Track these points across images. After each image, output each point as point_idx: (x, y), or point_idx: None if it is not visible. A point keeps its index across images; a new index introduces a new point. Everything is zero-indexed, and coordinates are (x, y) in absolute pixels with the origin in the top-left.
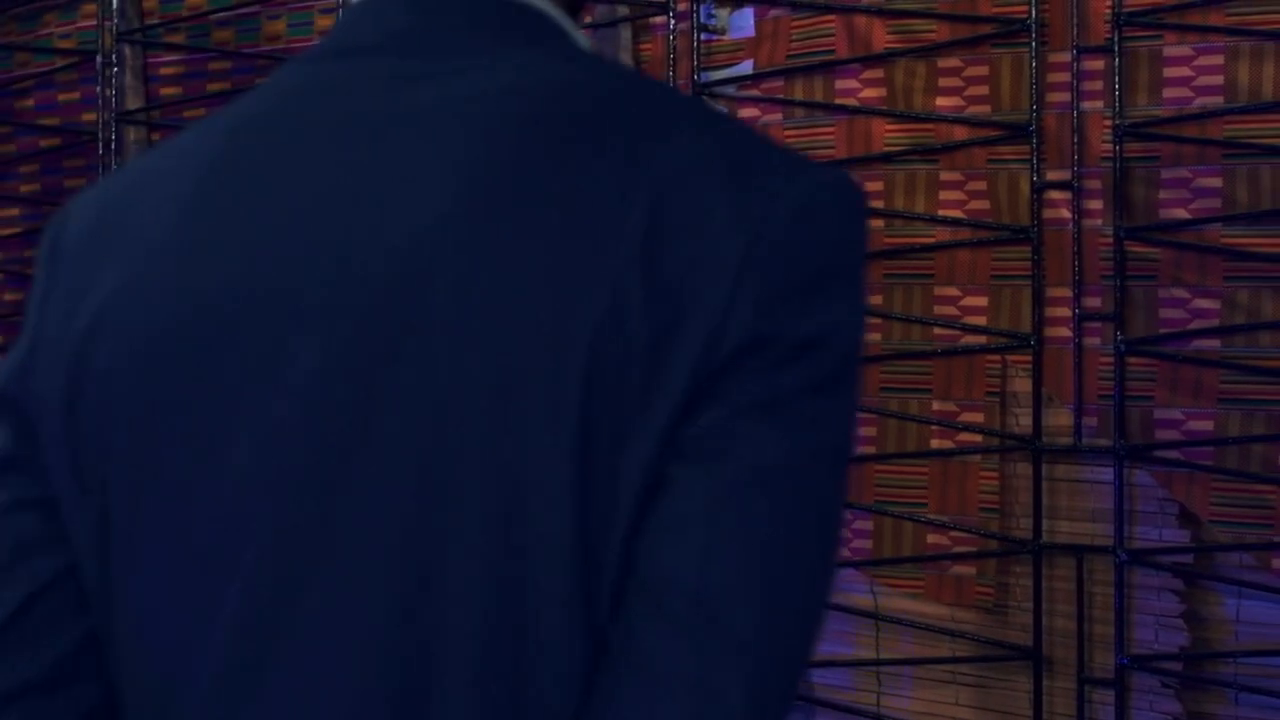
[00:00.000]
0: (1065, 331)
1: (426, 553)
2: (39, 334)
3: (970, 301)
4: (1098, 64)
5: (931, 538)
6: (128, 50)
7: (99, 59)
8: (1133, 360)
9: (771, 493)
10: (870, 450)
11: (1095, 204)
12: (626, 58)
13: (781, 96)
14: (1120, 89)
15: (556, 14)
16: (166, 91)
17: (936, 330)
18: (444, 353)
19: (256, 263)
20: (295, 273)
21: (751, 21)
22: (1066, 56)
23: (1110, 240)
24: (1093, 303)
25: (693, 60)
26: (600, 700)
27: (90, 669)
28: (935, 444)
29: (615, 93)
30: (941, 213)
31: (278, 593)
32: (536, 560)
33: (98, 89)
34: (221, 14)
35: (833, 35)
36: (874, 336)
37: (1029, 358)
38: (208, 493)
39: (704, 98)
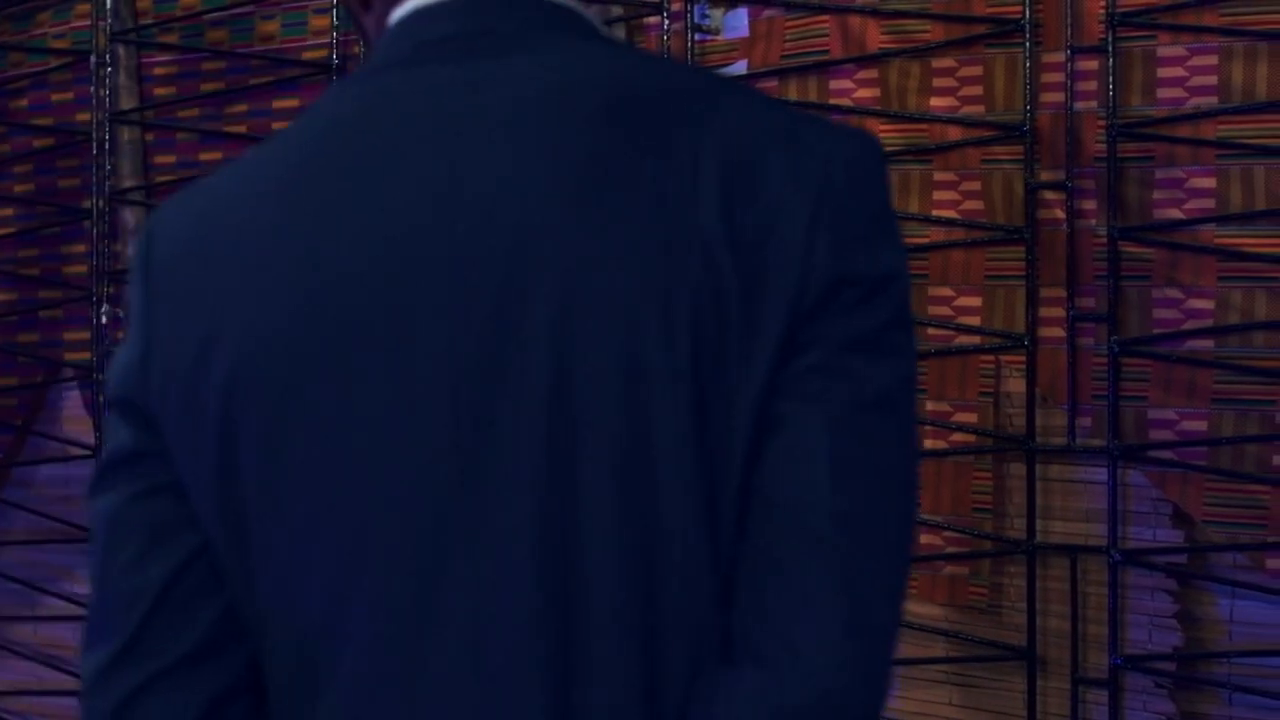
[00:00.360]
0: (1059, 332)
1: (565, 504)
2: (151, 341)
3: (964, 302)
4: (1092, 64)
5: (925, 538)
6: (121, 50)
7: (93, 59)
8: (1126, 360)
9: (880, 416)
10: None
11: (1089, 204)
12: None
13: (775, 97)
14: (1114, 89)
15: (585, 11)
16: (160, 91)
17: (930, 330)
18: (563, 321)
19: (374, 254)
20: (414, 259)
21: (746, 22)
22: (1060, 57)
23: (1104, 240)
24: (1086, 303)
25: (687, 60)
26: (752, 617)
27: (232, 640)
28: (929, 444)
29: (665, 76)
30: (935, 213)
31: (429, 552)
32: (666, 500)
33: (91, 89)
34: (215, 14)
35: (827, 35)
36: None
37: (1023, 358)
38: (349, 465)
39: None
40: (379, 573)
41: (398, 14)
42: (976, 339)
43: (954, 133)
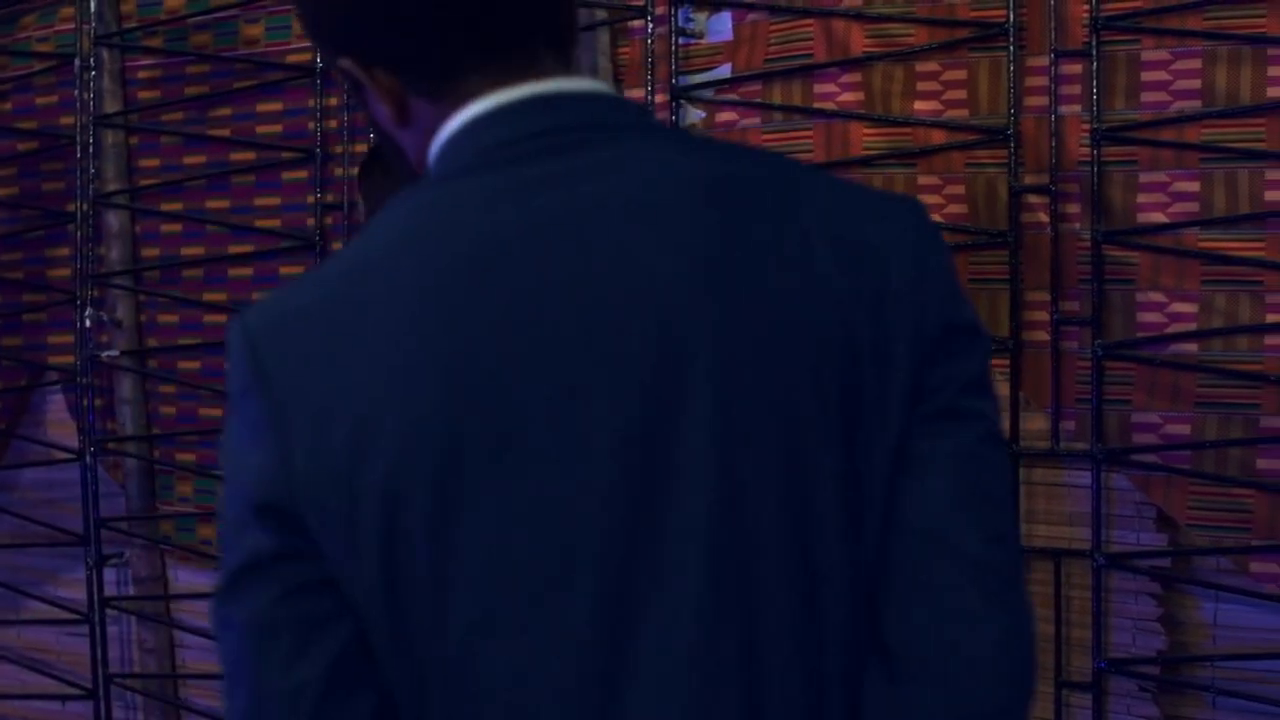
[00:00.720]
0: (1043, 335)
1: (741, 536)
2: (288, 445)
3: None
4: (1075, 68)
5: None
6: (105, 54)
7: (77, 62)
8: (1110, 364)
9: (995, 447)
10: None
11: (1073, 208)
12: (604, 62)
13: (759, 100)
14: (1098, 93)
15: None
16: (144, 95)
17: None
18: (723, 388)
19: (524, 342)
20: (564, 342)
21: (730, 25)
22: (1044, 60)
23: (1088, 244)
24: (1070, 306)
25: (671, 64)
26: (918, 636)
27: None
28: None
29: (749, 163)
30: None
31: (611, 619)
32: (822, 527)
33: (75, 92)
34: (199, 18)
35: (811, 39)
36: None
37: (1007, 361)
38: (523, 543)
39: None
40: (563, 642)
41: (459, 121)
42: None
43: (938, 136)
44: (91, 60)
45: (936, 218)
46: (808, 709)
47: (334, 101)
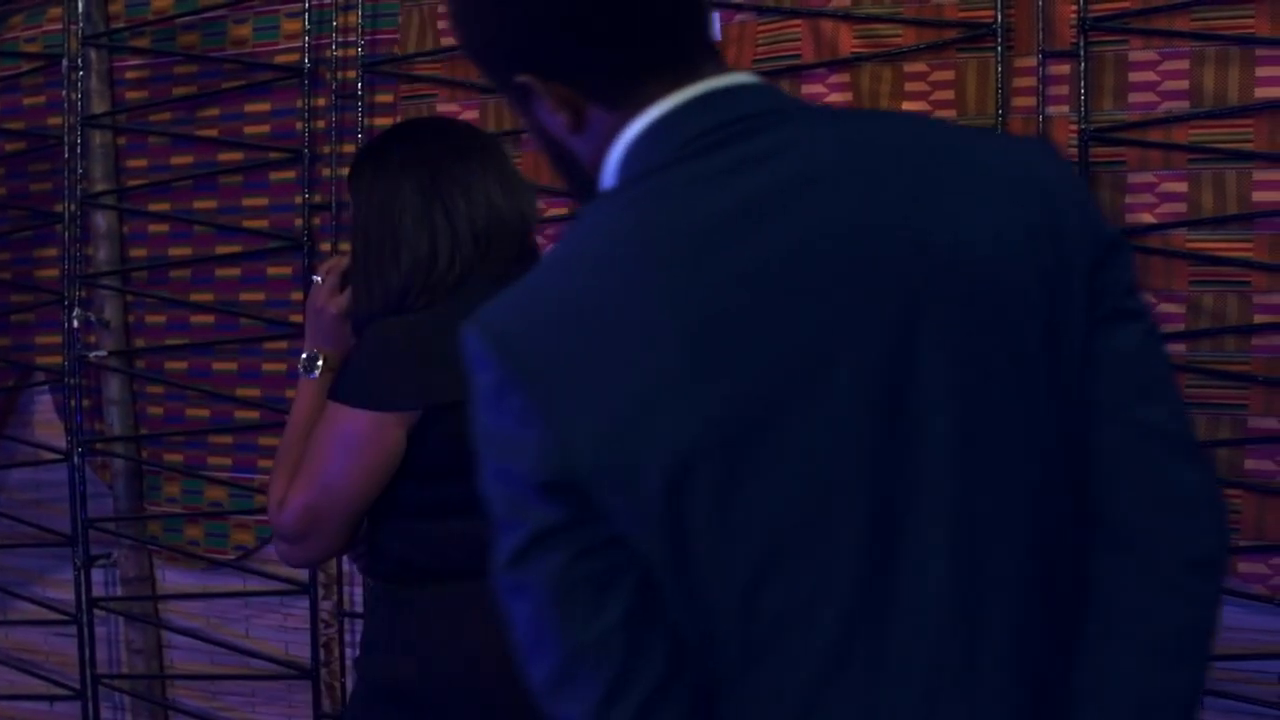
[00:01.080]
0: None
1: (978, 481)
2: (564, 430)
3: None
4: (1063, 69)
5: None
6: (93, 54)
7: (64, 63)
8: None
9: (1159, 336)
10: None
11: None
12: None
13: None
14: (1086, 94)
15: None
16: (132, 95)
17: None
18: (952, 335)
19: (769, 308)
20: (806, 307)
21: (717, 25)
22: (1032, 61)
23: None
24: None
25: None
26: (1120, 517)
27: (680, 651)
28: None
29: (906, 123)
30: None
31: (876, 549)
32: (1045, 454)
33: (63, 93)
34: (187, 18)
35: (799, 40)
36: None
37: None
38: (797, 489)
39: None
40: (828, 593)
41: (642, 124)
42: None
43: None
44: (79, 60)
45: None
46: (1037, 629)
47: (322, 102)
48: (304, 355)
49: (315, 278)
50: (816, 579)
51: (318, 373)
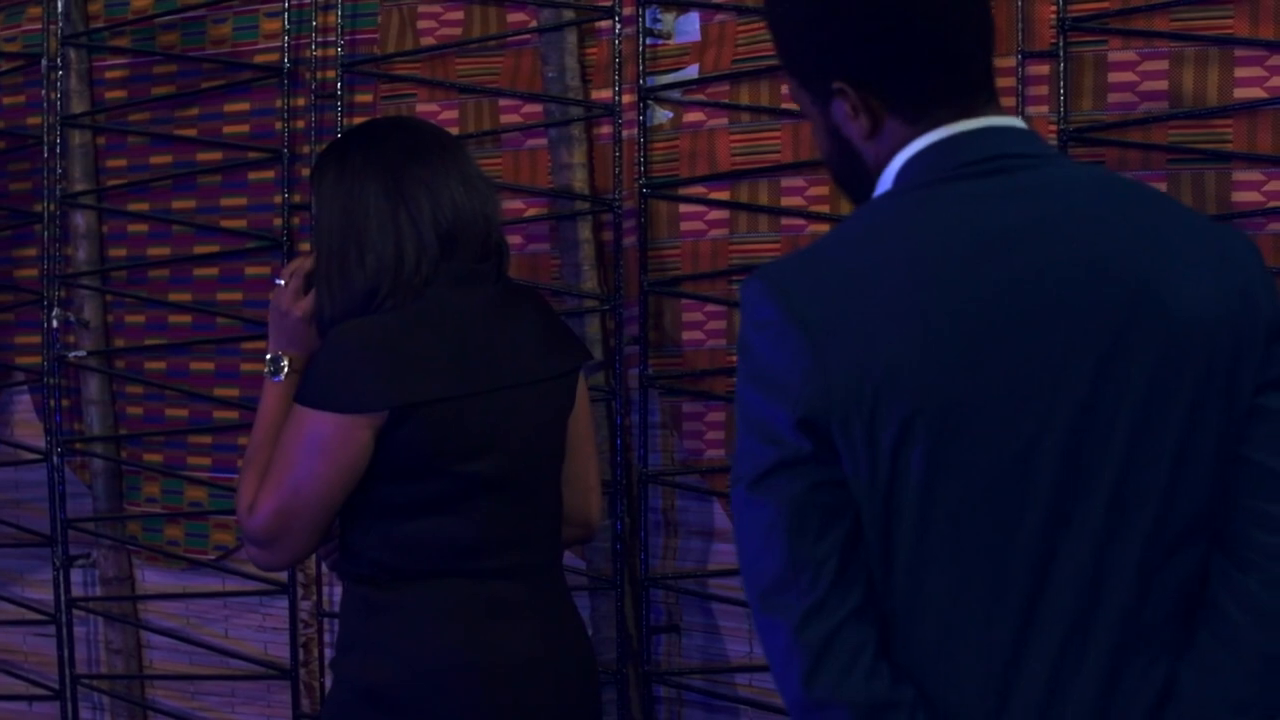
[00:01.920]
0: None
1: (1149, 474)
2: (828, 375)
3: None
4: (1043, 69)
5: None
6: (73, 54)
7: (44, 62)
8: None
9: None
10: None
11: None
12: (572, 62)
13: (727, 101)
14: (1065, 94)
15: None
16: (112, 95)
17: None
18: (1146, 374)
19: (1009, 318)
20: (1036, 324)
21: (697, 26)
22: (1011, 61)
23: None
24: None
25: (638, 64)
26: (1244, 553)
27: (871, 589)
28: None
29: (1120, 181)
30: None
31: (1059, 504)
32: (1195, 482)
33: (42, 92)
34: (167, 17)
35: None
36: None
37: None
38: (1000, 452)
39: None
40: (1000, 569)
41: (927, 141)
42: None
43: None
44: (59, 60)
45: None
46: (1171, 603)
47: (301, 102)
48: (268, 357)
49: (278, 280)
50: (993, 552)
51: (283, 376)
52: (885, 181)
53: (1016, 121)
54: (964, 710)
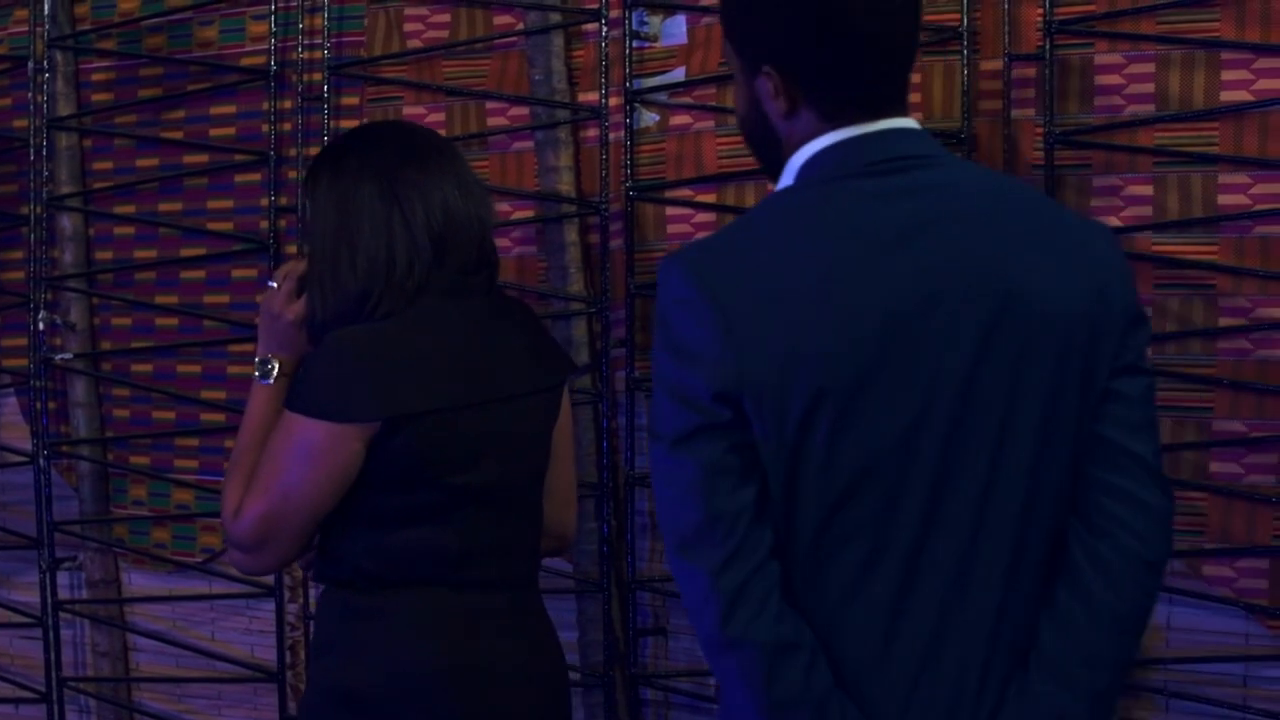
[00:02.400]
0: None
1: (1018, 447)
2: (741, 352)
3: None
4: (1029, 72)
5: None
6: (59, 56)
7: (30, 65)
8: None
9: (1154, 393)
10: None
11: None
12: (559, 64)
13: (714, 104)
14: (1051, 97)
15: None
16: (98, 98)
17: None
18: (1019, 353)
19: (901, 304)
20: (926, 308)
21: (684, 29)
22: (998, 64)
23: None
24: None
25: (625, 67)
26: (1119, 501)
27: (774, 544)
28: None
29: (1013, 182)
30: None
31: (942, 473)
32: (1056, 453)
33: (28, 95)
34: (153, 20)
35: None
36: None
37: None
38: (893, 426)
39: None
40: (894, 527)
41: (836, 137)
42: None
43: None
44: (45, 62)
45: None
46: (1034, 562)
47: (288, 104)
48: (258, 360)
49: (270, 283)
50: (884, 514)
51: (272, 379)
52: (794, 164)
53: (912, 123)
54: (855, 654)
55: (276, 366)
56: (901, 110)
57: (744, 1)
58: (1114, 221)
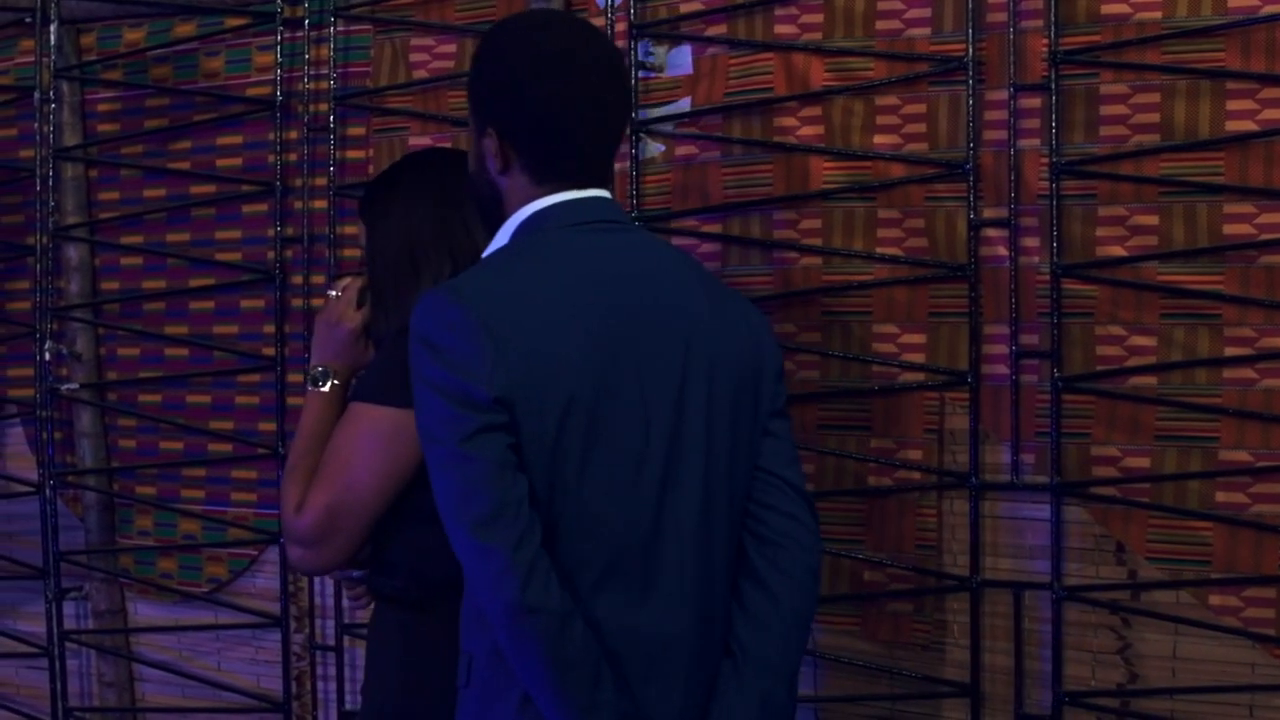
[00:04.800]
0: (1002, 369)
1: (712, 462)
2: (510, 367)
3: (908, 339)
4: (1034, 102)
5: (868, 575)
6: (65, 87)
7: (37, 95)
8: (1069, 397)
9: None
10: (809, 488)
11: (1032, 241)
12: None
13: (719, 134)
14: (1057, 127)
15: None
16: (104, 128)
17: (875, 368)
18: (711, 374)
19: (628, 328)
20: (645, 335)
21: (689, 59)
22: (1003, 94)
23: (1047, 278)
24: (1030, 340)
25: (631, 98)
26: (781, 523)
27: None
28: (873, 481)
29: (682, 253)
30: (879, 250)
31: (662, 488)
32: (739, 474)
33: (35, 125)
34: (159, 51)
35: (771, 73)
36: (812, 374)
37: (966, 395)
38: (630, 433)
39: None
40: (643, 489)
41: (551, 200)
42: (920, 376)
43: (897, 170)
44: (51, 93)
45: (896, 251)
46: (726, 560)
47: (294, 135)
48: (316, 367)
49: (331, 292)
50: (626, 506)
51: (329, 387)
52: (514, 220)
53: (607, 194)
54: (611, 616)
55: (332, 374)
56: (601, 181)
57: (481, 66)
58: (1119, 251)
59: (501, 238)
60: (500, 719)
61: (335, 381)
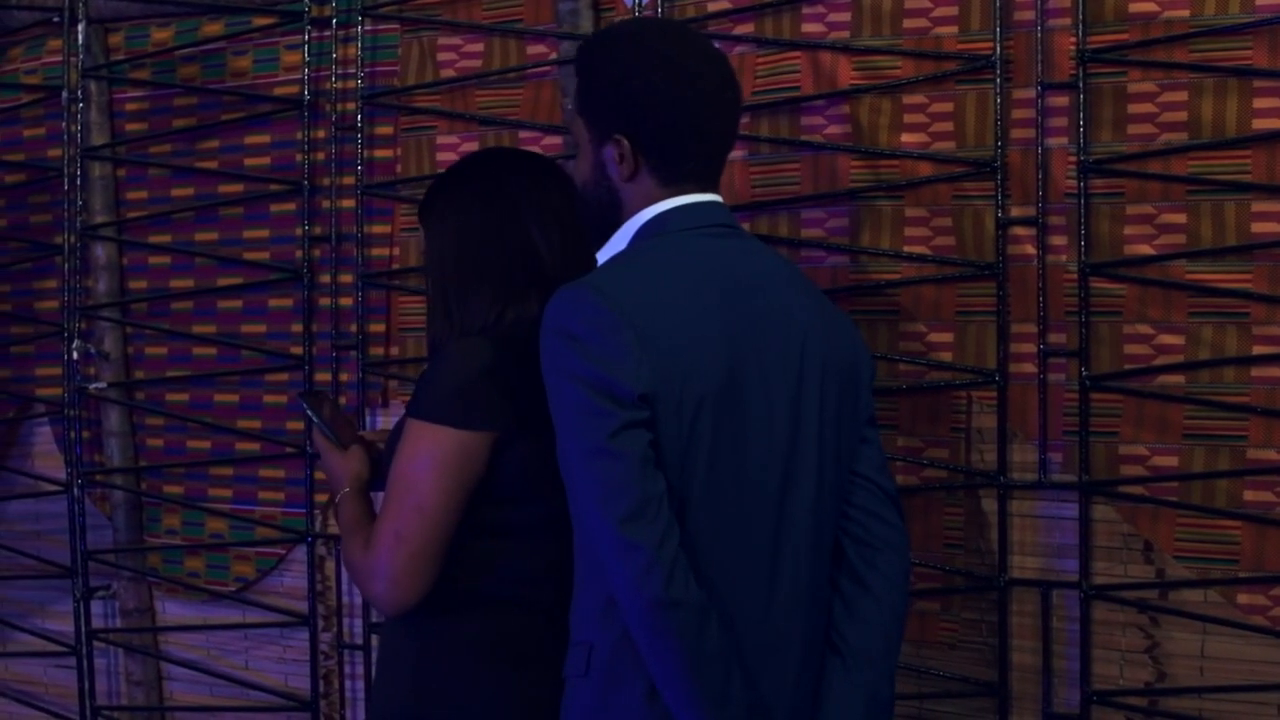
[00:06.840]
0: (1030, 367)
1: (824, 464)
2: (650, 363)
3: (936, 337)
4: (1062, 100)
5: None
6: (93, 86)
7: (64, 95)
8: (1097, 396)
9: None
10: None
11: (1060, 240)
12: None
13: (747, 133)
14: (1084, 125)
15: None
16: (132, 127)
17: (902, 366)
18: (823, 383)
19: (749, 334)
20: (765, 342)
21: None
22: (1031, 93)
23: (1074, 276)
24: (1057, 338)
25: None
26: (866, 538)
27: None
28: (900, 480)
29: (774, 250)
30: (907, 249)
31: (781, 489)
32: (841, 476)
33: (63, 124)
34: (187, 50)
35: (798, 72)
36: None
37: (994, 393)
38: (755, 434)
39: None
40: (765, 500)
41: (676, 202)
42: (948, 375)
43: (925, 169)
44: (79, 92)
45: (923, 250)
46: (827, 559)
47: (321, 134)
48: (334, 498)
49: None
50: (750, 496)
51: (348, 490)
52: (634, 223)
53: (720, 198)
54: (738, 611)
55: (346, 488)
56: (715, 187)
57: (605, 77)
58: (1147, 250)
59: (620, 241)
60: (623, 709)
61: (347, 489)
